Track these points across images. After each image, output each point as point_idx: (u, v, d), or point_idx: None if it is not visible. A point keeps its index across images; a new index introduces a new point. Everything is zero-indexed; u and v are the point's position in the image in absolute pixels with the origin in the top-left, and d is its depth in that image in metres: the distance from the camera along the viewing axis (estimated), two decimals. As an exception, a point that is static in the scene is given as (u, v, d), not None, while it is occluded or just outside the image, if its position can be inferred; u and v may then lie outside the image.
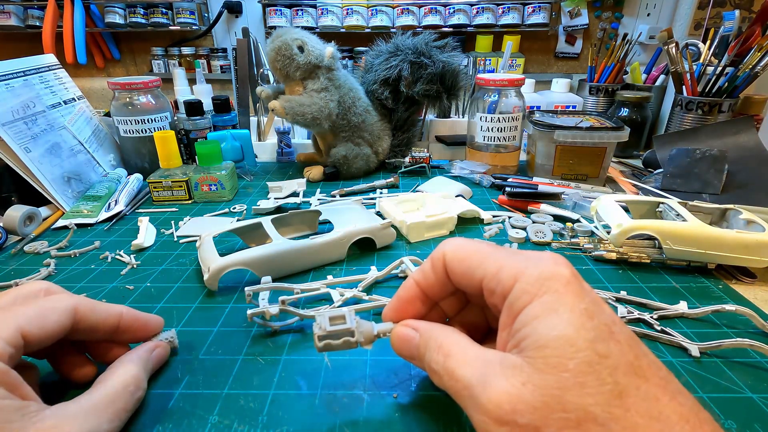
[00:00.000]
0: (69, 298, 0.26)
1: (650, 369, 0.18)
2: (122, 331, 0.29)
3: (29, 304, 0.25)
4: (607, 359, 0.18)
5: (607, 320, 0.19)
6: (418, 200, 0.57)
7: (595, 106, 0.92)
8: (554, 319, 0.19)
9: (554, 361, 0.18)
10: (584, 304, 0.19)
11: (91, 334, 0.27)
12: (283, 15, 1.20)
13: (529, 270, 0.21)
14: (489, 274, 0.22)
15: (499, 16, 1.19)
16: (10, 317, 0.23)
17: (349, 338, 0.25)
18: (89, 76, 1.34)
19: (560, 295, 0.19)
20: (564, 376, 0.18)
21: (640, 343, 0.19)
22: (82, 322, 0.26)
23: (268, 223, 0.45)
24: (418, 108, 0.76)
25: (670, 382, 0.18)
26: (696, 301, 0.38)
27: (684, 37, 1.12)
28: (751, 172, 0.62)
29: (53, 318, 0.25)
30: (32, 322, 0.24)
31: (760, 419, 0.27)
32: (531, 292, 0.20)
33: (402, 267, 0.42)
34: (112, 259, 0.47)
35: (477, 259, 0.23)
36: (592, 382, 0.17)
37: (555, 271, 0.20)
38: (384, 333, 0.26)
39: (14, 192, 0.59)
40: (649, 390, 0.17)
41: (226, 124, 0.76)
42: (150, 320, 0.31)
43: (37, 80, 0.63)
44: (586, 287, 0.20)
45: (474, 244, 0.24)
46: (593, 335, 0.18)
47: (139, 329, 0.30)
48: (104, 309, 0.28)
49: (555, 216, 0.55)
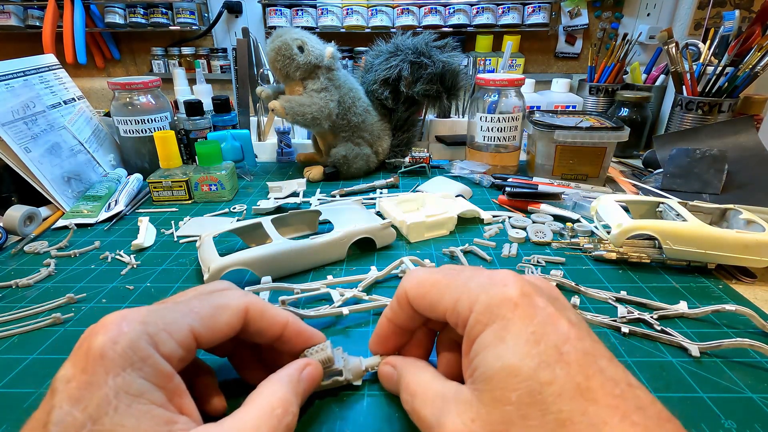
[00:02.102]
0: (243, 297, 0.25)
1: (602, 389, 0.17)
2: (285, 340, 0.27)
3: (204, 300, 0.24)
4: (550, 386, 0.17)
5: (557, 341, 0.18)
6: (418, 200, 0.57)
7: (595, 106, 0.92)
8: (500, 349, 0.18)
9: (498, 393, 0.18)
10: (532, 327, 0.19)
11: (255, 338, 0.26)
12: (283, 15, 1.20)
13: (480, 298, 0.20)
14: (449, 309, 0.22)
15: (499, 16, 1.19)
16: (185, 316, 0.22)
17: (338, 377, 0.28)
18: (89, 76, 1.34)
19: (507, 322, 0.19)
20: (507, 409, 0.17)
21: (598, 357, 0.18)
22: (250, 324, 0.25)
23: (268, 223, 0.45)
24: (418, 108, 0.76)
25: (626, 399, 0.17)
26: (696, 301, 0.38)
27: (684, 37, 1.12)
28: (751, 172, 0.62)
29: (224, 318, 0.23)
30: (205, 322, 0.22)
31: (760, 419, 0.27)
32: (482, 321, 0.20)
33: (402, 267, 0.42)
34: (112, 259, 0.47)
35: (436, 293, 0.23)
36: (534, 414, 0.17)
37: (503, 295, 0.20)
38: (371, 367, 0.29)
39: (14, 192, 0.59)
40: (598, 413, 0.16)
41: (226, 124, 0.76)
42: (314, 335, 0.28)
43: (37, 80, 0.63)
44: (538, 305, 0.19)
45: (432, 277, 0.24)
46: (537, 362, 0.18)
47: (301, 343, 0.27)
48: (272, 314, 0.26)
49: (555, 216, 0.55)
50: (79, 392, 0.18)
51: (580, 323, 0.20)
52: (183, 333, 0.21)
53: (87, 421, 0.17)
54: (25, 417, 0.28)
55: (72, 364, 0.19)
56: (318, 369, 0.27)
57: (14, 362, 0.32)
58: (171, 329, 0.21)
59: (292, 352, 0.27)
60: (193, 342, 0.22)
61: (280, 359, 0.27)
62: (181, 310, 0.22)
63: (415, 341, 0.28)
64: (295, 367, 0.25)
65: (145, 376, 0.19)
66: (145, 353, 0.19)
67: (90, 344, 0.19)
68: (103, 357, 0.18)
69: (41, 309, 0.38)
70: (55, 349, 0.34)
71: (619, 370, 0.18)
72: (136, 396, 0.18)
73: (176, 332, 0.21)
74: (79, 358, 0.18)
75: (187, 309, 0.22)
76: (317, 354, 0.27)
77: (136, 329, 0.20)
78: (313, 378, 0.26)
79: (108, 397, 0.18)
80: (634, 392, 0.17)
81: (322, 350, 0.27)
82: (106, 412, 0.17)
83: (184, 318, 0.22)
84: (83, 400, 0.17)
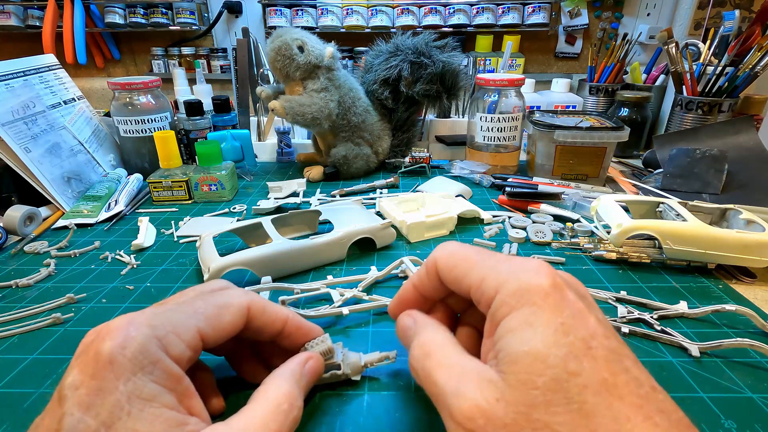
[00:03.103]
0: (244, 295, 0.25)
1: (627, 387, 0.17)
2: (285, 336, 0.27)
3: (207, 299, 0.24)
4: (577, 377, 0.17)
5: (585, 335, 0.18)
6: (418, 200, 0.57)
7: (595, 106, 0.92)
8: (528, 334, 0.18)
9: (524, 377, 0.18)
10: (562, 318, 0.19)
11: (256, 335, 0.26)
12: (283, 15, 1.20)
13: (509, 281, 0.20)
14: (474, 285, 0.22)
15: (499, 16, 1.19)
16: (191, 317, 0.22)
17: (336, 371, 0.28)
18: (89, 76, 1.34)
19: (537, 309, 0.19)
20: (533, 393, 0.17)
21: (624, 357, 0.18)
22: (252, 322, 0.25)
23: (268, 223, 0.45)
24: (418, 108, 0.76)
25: (649, 400, 0.17)
26: (696, 301, 0.38)
27: (684, 37, 1.12)
28: (751, 172, 0.62)
29: (228, 317, 0.24)
30: (210, 322, 0.23)
31: (760, 419, 0.27)
32: (510, 304, 0.20)
33: (402, 267, 0.42)
34: (112, 259, 0.47)
35: (464, 267, 0.23)
36: (559, 401, 0.17)
37: (535, 282, 0.20)
38: (371, 363, 0.29)
39: (14, 192, 0.59)
40: (621, 409, 0.17)
41: (226, 124, 0.76)
42: (313, 330, 0.28)
43: (37, 80, 0.63)
44: (568, 298, 0.19)
45: (464, 251, 0.24)
46: (565, 352, 0.18)
47: (300, 338, 0.28)
48: (273, 311, 0.26)
49: (555, 216, 0.55)
50: (90, 399, 0.17)
51: (606, 323, 0.20)
52: (191, 334, 0.21)
53: (100, 427, 0.17)
54: (25, 417, 0.28)
55: (79, 370, 0.18)
56: (319, 361, 0.27)
57: (14, 362, 0.32)
58: (179, 331, 0.21)
59: (292, 347, 0.28)
60: (200, 342, 0.22)
61: (278, 354, 0.27)
62: (186, 312, 0.22)
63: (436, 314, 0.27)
64: (297, 362, 0.25)
65: (156, 379, 0.19)
66: (155, 357, 0.19)
67: (98, 350, 0.19)
68: (112, 362, 0.18)
69: (41, 309, 0.38)
70: (55, 350, 0.33)
71: (643, 372, 0.18)
72: (148, 400, 0.18)
73: (184, 334, 0.21)
74: (87, 364, 0.18)
75: (191, 310, 0.22)
76: (318, 346, 0.27)
77: (145, 333, 0.20)
78: (315, 371, 0.26)
79: (120, 403, 0.18)
80: (657, 395, 0.18)
81: (323, 342, 0.28)
82: (119, 418, 0.17)
83: (191, 319, 0.22)
84: (95, 407, 0.17)
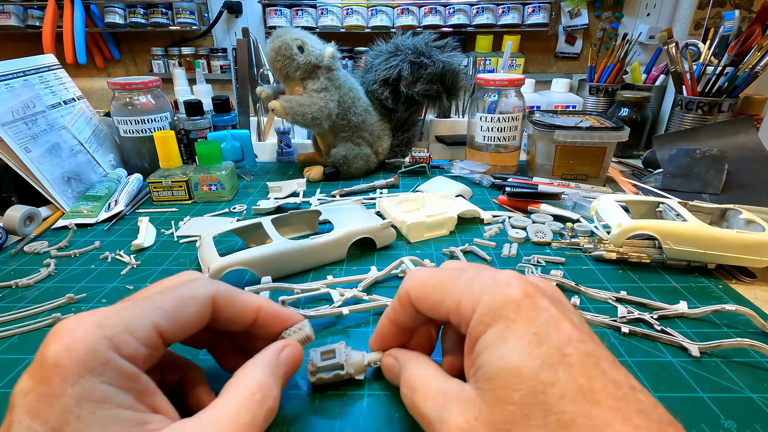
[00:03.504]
0: (208, 285, 0.24)
1: (605, 390, 0.17)
2: (260, 325, 0.26)
3: (169, 293, 0.23)
4: (553, 387, 0.17)
5: (559, 342, 0.18)
6: (418, 200, 0.57)
7: (595, 106, 0.92)
8: (502, 349, 0.19)
9: (501, 393, 0.18)
10: (534, 328, 0.19)
11: (227, 326, 0.25)
12: (283, 15, 1.20)
13: (483, 299, 0.20)
14: (452, 309, 0.22)
15: (499, 16, 1.19)
16: (147, 312, 0.21)
17: (339, 371, 0.28)
18: (89, 76, 1.34)
19: (510, 323, 0.19)
20: (510, 409, 0.17)
21: (600, 360, 0.18)
22: (220, 313, 0.24)
23: (268, 223, 0.45)
24: (418, 108, 0.76)
25: (628, 402, 0.17)
26: (696, 301, 0.38)
27: (684, 37, 1.12)
28: (751, 172, 0.62)
29: (190, 310, 0.22)
30: (169, 317, 0.21)
31: (760, 419, 0.27)
32: (485, 321, 0.20)
33: (402, 267, 0.42)
34: (112, 259, 0.47)
35: (438, 295, 0.23)
36: (537, 414, 0.17)
37: (507, 295, 0.20)
38: (374, 362, 0.29)
39: (14, 192, 0.59)
40: (600, 415, 0.16)
41: (226, 124, 0.76)
42: (290, 317, 0.27)
43: (37, 80, 0.63)
44: (541, 306, 0.19)
45: (434, 277, 0.23)
46: (539, 363, 0.18)
47: (277, 326, 0.27)
48: (243, 300, 0.25)
49: (555, 216, 0.55)
50: (38, 405, 0.17)
51: (582, 325, 0.20)
52: (146, 331, 0.20)
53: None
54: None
55: (29, 376, 0.18)
56: (297, 349, 0.26)
57: (14, 362, 0.32)
58: (132, 329, 0.20)
59: (269, 336, 0.27)
60: (157, 339, 0.21)
61: (258, 345, 0.26)
62: (143, 307, 0.21)
63: (418, 338, 0.28)
64: (272, 351, 0.25)
65: (108, 380, 0.18)
66: (105, 357, 0.19)
67: (44, 354, 0.18)
68: (58, 366, 0.17)
69: (41, 309, 0.38)
70: (55, 349, 0.33)
71: (621, 373, 0.18)
72: (99, 402, 0.18)
73: (138, 331, 0.20)
74: (35, 370, 0.18)
75: (149, 305, 0.21)
76: (295, 334, 0.27)
77: (93, 334, 0.19)
78: (293, 359, 0.25)
79: (69, 407, 0.17)
80: (637, 395, 0.17)
81: (300, 330, 0.27)
82: (68, 422, 0.17)
83: (147, 315, 0.21)
84: (43, 413, 0.17)
